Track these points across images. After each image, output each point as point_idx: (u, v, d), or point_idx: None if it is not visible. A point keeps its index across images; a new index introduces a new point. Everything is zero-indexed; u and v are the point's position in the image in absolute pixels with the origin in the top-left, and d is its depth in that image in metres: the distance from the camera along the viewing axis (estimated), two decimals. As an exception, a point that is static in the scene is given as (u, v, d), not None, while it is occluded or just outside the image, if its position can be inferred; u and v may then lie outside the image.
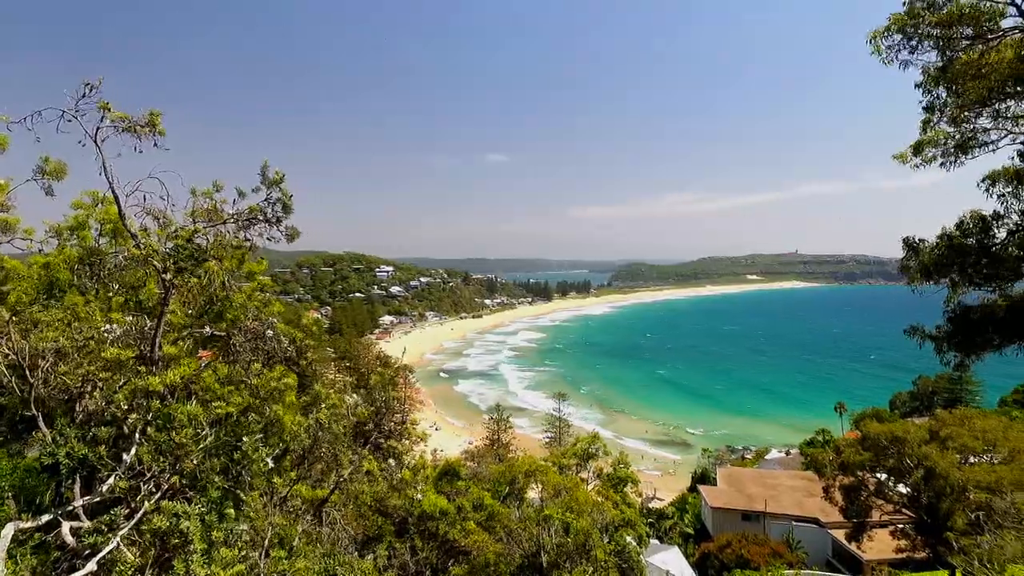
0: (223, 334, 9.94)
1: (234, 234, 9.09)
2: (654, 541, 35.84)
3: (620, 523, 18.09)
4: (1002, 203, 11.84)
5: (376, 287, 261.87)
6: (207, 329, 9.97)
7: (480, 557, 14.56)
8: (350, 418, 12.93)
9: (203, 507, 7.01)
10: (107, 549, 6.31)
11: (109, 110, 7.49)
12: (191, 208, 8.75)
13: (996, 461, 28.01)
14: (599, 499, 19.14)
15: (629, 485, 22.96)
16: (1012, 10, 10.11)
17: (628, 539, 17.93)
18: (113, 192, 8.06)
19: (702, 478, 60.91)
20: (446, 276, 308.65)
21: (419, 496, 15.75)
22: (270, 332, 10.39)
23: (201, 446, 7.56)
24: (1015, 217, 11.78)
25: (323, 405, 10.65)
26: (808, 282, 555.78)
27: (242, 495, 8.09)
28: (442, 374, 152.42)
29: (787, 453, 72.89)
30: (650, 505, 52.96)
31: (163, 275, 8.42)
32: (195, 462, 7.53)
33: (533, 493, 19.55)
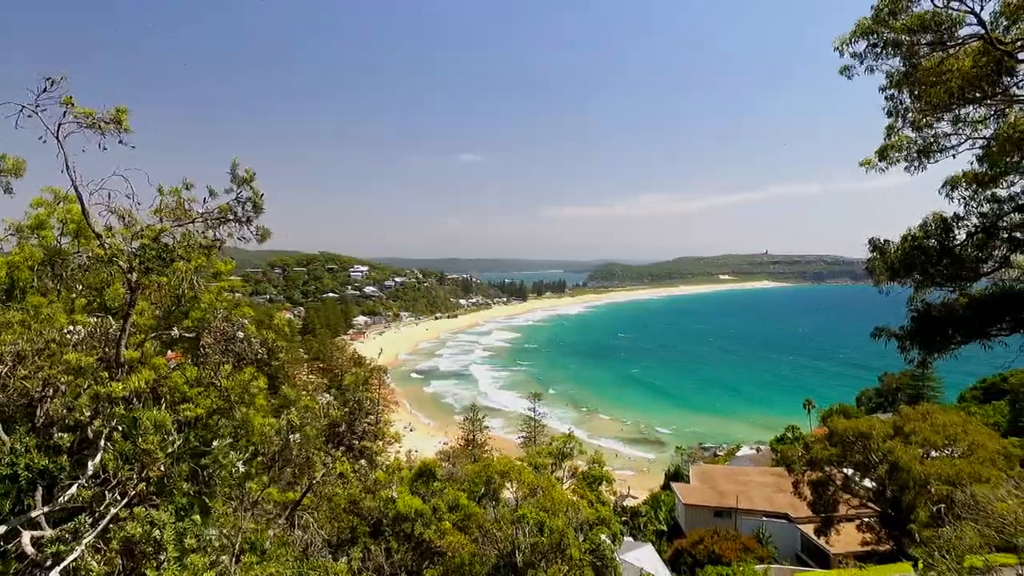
0: (191, 335, 9.70)
1: (203, 233, 8.85)
2: (628, 539, 36.14)
3: (595, 521, 18.19)
4: (962, 205, 12.28)
5: (350, 287, 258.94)
6: (175, 331, 9.72)
7: (455, 558, 14.51)
8: (322, 420, 12.77)
9: (172, 514, 6.84)
10: (70, 558, 6.11)
11: (72, 105, 7.23)
12: (157, 206, 8.49)
13: (956, 455, 28.96)
14: (574, 498, 19.20)
15: (603, 484, 23.06)
16: (971, 18, 10.45)
17: (603, 537, 18.04)
18: (76, 190, 7.78)
19: (675, 475, 61.66)
20: (421, 276, 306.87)
21: (393, 495, 15.61)
22: (240, 334, 10.17)
23: (168, 451, 7.37)
24: (974, 219, 12.21)
25: (294, 407, 10.48)
26: (778, 282, 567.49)
27: (208, 501, 7.91)
28: (415, 375, 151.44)
29: (758, 450, 74.14)
30: (624, 503, 53.38)
31: (128, 275, 8.18)
32: (162, 468, 7.34)
33: (508, 493, 19.54)
